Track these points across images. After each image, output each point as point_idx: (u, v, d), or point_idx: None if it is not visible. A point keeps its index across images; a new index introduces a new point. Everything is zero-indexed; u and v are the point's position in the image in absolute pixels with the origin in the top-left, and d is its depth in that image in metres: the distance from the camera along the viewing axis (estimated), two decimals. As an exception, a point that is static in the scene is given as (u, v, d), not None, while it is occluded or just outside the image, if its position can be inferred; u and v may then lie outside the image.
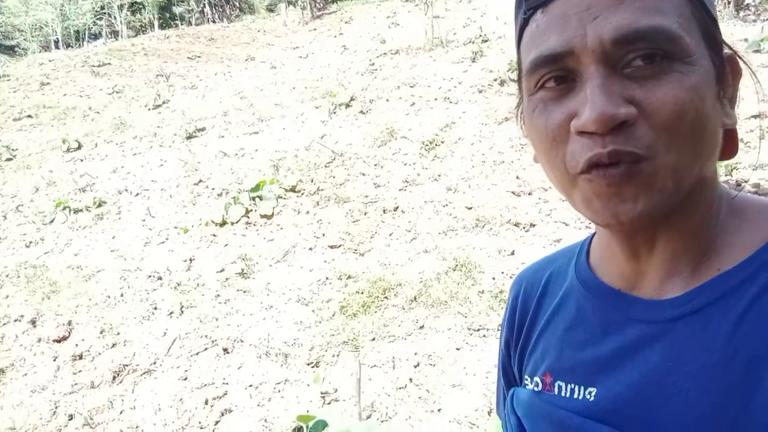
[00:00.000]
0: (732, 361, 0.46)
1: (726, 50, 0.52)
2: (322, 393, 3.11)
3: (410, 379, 3.15)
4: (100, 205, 6.21)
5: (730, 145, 0.55)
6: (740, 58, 0.54)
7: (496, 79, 7.35)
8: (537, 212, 4.67)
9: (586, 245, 0.66)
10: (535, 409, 0.61)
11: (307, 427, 2.66)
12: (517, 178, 5.22)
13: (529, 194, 4.96)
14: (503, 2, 13.44)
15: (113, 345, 3.77)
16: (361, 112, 7.69)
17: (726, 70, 0.52)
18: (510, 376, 0.73)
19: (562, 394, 0.58)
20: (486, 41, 9.14)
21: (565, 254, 0.70)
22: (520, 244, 4.35)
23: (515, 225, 4.57)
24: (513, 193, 5.02)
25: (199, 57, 14.86)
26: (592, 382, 0.55)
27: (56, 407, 3.23)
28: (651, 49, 0.46)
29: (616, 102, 0.46)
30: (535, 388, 0.62)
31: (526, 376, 0.65)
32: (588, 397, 0.55)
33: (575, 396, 0.57)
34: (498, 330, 3.53)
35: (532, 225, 4.54)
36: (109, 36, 19.22)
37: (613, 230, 0.55)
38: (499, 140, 5.98)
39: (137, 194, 6.47)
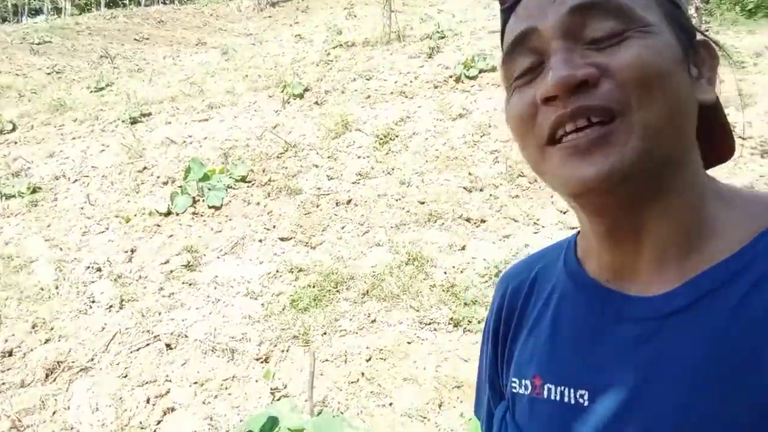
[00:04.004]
0: (728, 356, 0.45)
1: (700, 37, 0.54)
2: (271, 389, 3.03)
3: (362, 374, 3.12)
4: (35, 191, 5.86)
5: (725, 143, 0.55)
6: (713, 41, 0.55)
7: (451, 76, 7.39)
8: (488, 208, 4.72)
9: (574, 240, 0.64)
10: (536, 415, 0.58)
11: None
12: (470, 174, 5.26)
13: (481, 190, 5.00)
14: (460, 0, 13.55)
15: (46, 341, 3.55)
16: (316, 103, 7.58)
17: (700, 53, 0.53)
18: (497, 384, 0.69)
19: (552, 397, 0.56)
20: (443, 38, 9.18)
21: (555, 249, 0.67)
22: (471, 239, 4.38)
23: (467, 220, 4.61)
24: (465, 188, 5.06)
25: (147, 39, 14.28)
26: (582, 385, 0.53)
27: (-19, 407, 3.02)
28: (607, 22, 0.48)
29: (576, 66, 0.48)
30: (524, 391, 0.60)
31: (514, 379, 0.62)
32: (581, 400, 0.53)
33: (565, 400, 0.54)
34: (448, 323, 3.55)
35: (483, 221, 4.59)
36: (51, 12, 18.22)
37: (585, 208, 0.53)
38: (453, 136, 6.01)
39: (76, 180, 6.14)
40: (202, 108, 8.05)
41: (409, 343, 3.41)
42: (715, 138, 0.55)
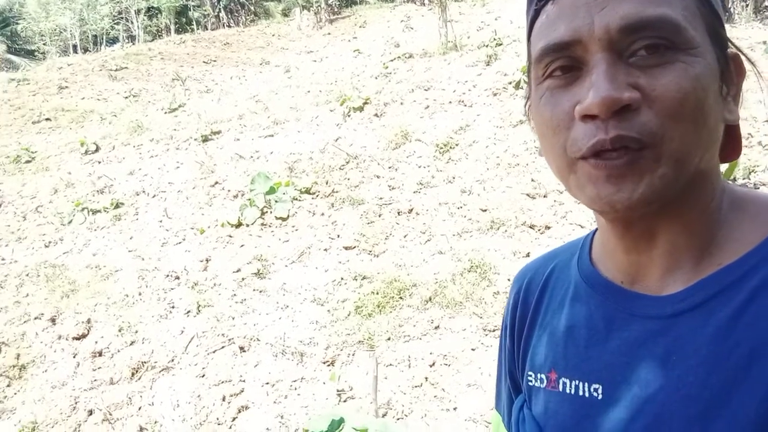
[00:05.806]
0: (732, 354, 0.47)
1: (731, 49, 0.54)
2: (338, 391, 3.12)
3: (426, 378, 3.16)
4: (117, 206, 6.30)
5: (732, 145, 0.55)
6: (745, 56, 0.55)
7: (510, 83, 7.35)
8: (552, 214, 4.66)
9: (589, 240, 0.66)
10: (552, 408, 0.61)
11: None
12: (532, 180, 5.21)
13: (545, 197, 4.95)
14: (517, 6, 13.44)
15: (132, 343, 3.82)
16: (376, 115, 7.73)
17: (730, 67, 0.53)
18: (516, 377, 0.72)
19: (567, 391, 0.58)
20: (500, 45, 9.15)
21: (568, 249, 0.70)
22: (536, 246, 4.34)
23: (530, 227, 4.57)
24: (528, 195, 5.02)
25: (214, 61, 15.02)
26: (596, 379, 0.56)
27: (76, 402, 3.28)
28: (655, 38, 0.47)
29: (620, 86, 0.47)
30: (540, 385, 0.63)
31: (530, 372, 0.65)
32: (595, 394, 0.55)
33: (580, 393, 0.57)
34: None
35: (548, 227, 4.53)
36: (126, 40, 19.51)
37: (608, 218, 0.55)
38: (513, 143, 5.98)
39: (154, 196, 6.55)
40: (267, 124, 8.39)
41: (473, 349, 3.42)
42: (725, 141, 0.55)
